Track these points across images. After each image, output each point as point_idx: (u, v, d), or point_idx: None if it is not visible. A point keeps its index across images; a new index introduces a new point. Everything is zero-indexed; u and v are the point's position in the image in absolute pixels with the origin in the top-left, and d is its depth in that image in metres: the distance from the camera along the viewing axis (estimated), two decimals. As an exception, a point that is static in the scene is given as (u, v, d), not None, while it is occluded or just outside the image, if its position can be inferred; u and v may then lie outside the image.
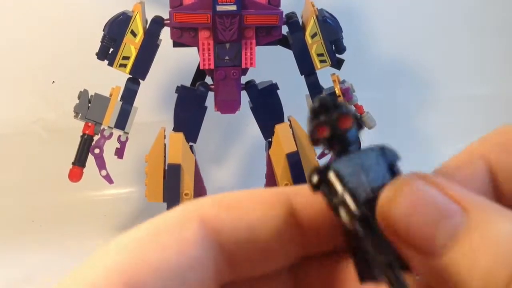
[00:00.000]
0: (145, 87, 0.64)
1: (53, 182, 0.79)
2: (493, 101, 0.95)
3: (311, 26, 0.63)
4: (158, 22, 0.62)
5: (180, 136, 0.63)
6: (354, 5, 0.86)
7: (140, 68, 0.62)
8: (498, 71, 0.98)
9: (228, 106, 0.65)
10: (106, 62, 0.62)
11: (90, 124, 0.63)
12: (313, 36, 0.63)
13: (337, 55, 0.65)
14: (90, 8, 0.78)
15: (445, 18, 0.93)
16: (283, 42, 0.64)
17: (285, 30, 0.64)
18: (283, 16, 0.61)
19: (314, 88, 0.65)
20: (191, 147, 0.66)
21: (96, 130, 0.63)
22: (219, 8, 0.58)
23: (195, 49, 0.62)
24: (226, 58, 0.61)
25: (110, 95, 0.63)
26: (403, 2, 0.90)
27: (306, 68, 0.64)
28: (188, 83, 0.66)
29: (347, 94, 0.65)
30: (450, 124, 0.92)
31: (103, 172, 0.65)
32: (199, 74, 0.67)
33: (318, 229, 0.18)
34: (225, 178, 0.87)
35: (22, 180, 0.82)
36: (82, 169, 0.64)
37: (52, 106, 0.82)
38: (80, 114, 0.62)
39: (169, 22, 0.60)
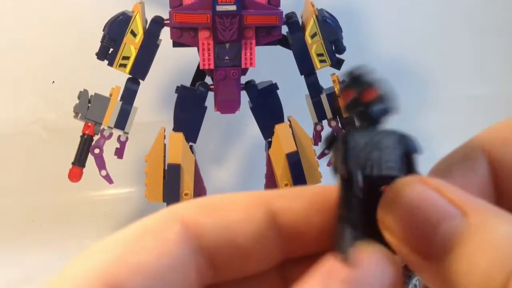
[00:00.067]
0: (145, 87, 0.64)
1: (53, 182, 0.79)
2: (493, 101, 0.95)
3: (311, 26, 0.62)
4: (158, 22, 0.62)
5: (180, 136, 0.63)
6: (354, 5, 0.86)
7: (140, 68, 0.62)
8: (498, 71, 0.98)
9: (228, 106, 0.65)
10: (106, 62, 0.62)
11: (90, 124, 0.62)
12: (313, 36, 0.63)
13: (337, 55, 0.65)
14: (90, 8, 0.78)
15: (445, 18, 0.93)
16: (283, 42, 0.64)
17: (285, 30, 0.64)
18: (283, 16, 0.61)
19: (314, 88, 0.65)
20: (191, 147, 0.66)
21: (96, 130, 0.63)
22: (219, 8, 0.58)
23: (195, 49, 0.62)
24: (226, 58, 0.61)
25: (110, 95, 0.63)
26: (403, 2, 0.90)
27: (306, 68, 0.64)
28: (188, 83, 0.66)
29: (347, 94, 0.65)
30: (450, 124, 0.92)
31: (103, 172, 0.65)
32: (199, 74, 0.67)
33: (299, 232, 0.18)
34: (225, 178, 0.87)
35: (22, 180, 0.82)
36: (82, 169, 0.64)
37: (52, 106, 0.82)
38: (80, 114, 0.62)
39: (169, 22, 0.60)
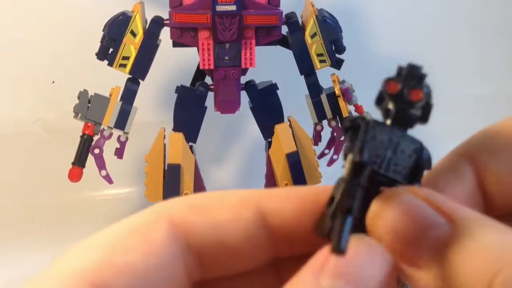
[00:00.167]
0: (145, 87, 0.64)
1: (53, 182, 0.79)
2: (493, 101, 0.95)
3: (311, 26, 0.62)
4: (157, 22, 0.62)
5: (180, 136, 0.63)
6: (354, 5, 0.86)
7: (139, 68, 0.62)
8: (498, 71, 0.97)
9: (228, 106, 0.65)
10: (106, 62, 0.62)
11: (90, 124, 0.62)
12: (312, 36, 0.63)
13: (336, 55, 0.65)
14: (90, 8, 0.78)
15: (445, 18, 0.93)
16: (283, 42, 0.64)
17: (284, 30, 0.64)
18: (283, 16, 0.61)
19: (314, 88, 0.65)
20: (191, 147, 0.66)
21: (96, 130, 0.63)
22: (219, 8, 0.58)
23: (195, 49, 0.62)
24: (226, 58, 0.61)
25: (110, 95, 0.63)
26: (403, 2, 0.90)
27: (306, 68, 0.64)
28: (188, 83, 0.66)
29: (347, 94, 0.65)
30: (450, 124, 0.92)
31: (103, 172, 0.65)
32: (199, 74, 0.67)
33: (289, 233, 0.18)
34: (225, 178, 0.87)
35: (22, 180, 0.82)
36: (82, 169, 0.64)
37: (52, 106, 0.82)
38: (80, 114, 0.62)
39: (168, 22, 0.60)
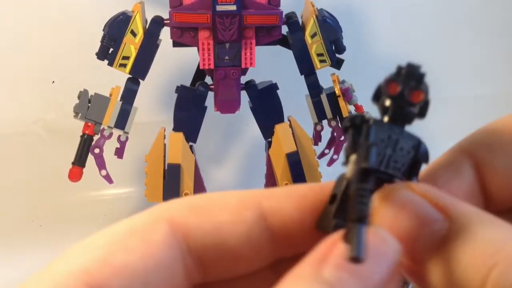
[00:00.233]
0: (145, 87, 0.64)
1: (53, 182, 0.79)
2: (493, 101, 0.95)
3: (311, 26, 0.62)
4: (158, 22, 0.62)
5: (180, 136, 0.63)
6: (354, 5, 0.86)
7: (140, 68, 0.62)
8: (498, 71, 0.97)
9: (228, 106, 0.65)
10: (106, 62, 0.62)
11: (90, 124, 0.63)
12: (312, 36, 0.63)
13: (337, 55, 0.65)
14: (90, 8, 0.78)
15: (445, 18, 0.93)
16: (283, 42, 0.64)
17: (285, 30, 0.64)
18: (283, 16, 0.61)
19: (314, 88, 0.65)
20: (191, 147, 0.66)
21: (96, 130, 0.63)
22: (219, 8, 0.58)
23: (195, 49, 0.62)
24: (226, 58, 0.61)
25: (110, 95, 0.63)
26: (403, 2, 0.90)
27: (306, 68, 0.64)
28: (188, 83, 0.66)
29: (347, 94, 0.65)
30: (450, 124, 0.92)
31: (103, 172, 0.64)
32: (199, 74, 0.67)
33: (290, 232, 0.18)
34: (225, 178, 0.87)
35: (22, 180, 0.82)
36: (82, 169, 0.64)
37: (52, 106, 0.82)
38: (80, 114, 0.62)
39: (169, 22, 0.60)
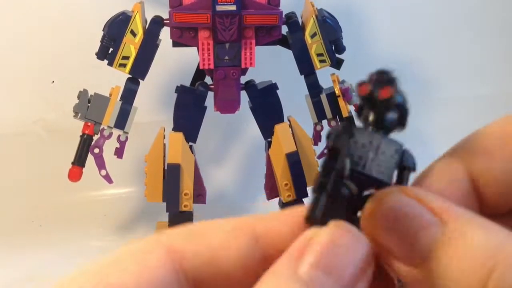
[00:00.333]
0: (144, 87, 0.64)
1: (53, 182, 0.79)
2: (493, 101, 0.95)
3: (311, 26, 0.62)
4: (157, 22, 0.62)
5: (179, 136, 0.63)
6: (354, 5, 0.86)
7: (139, 68, 0.62)
8: (498, 71, 0.97)
9: (227, 106, 0.65)
10: (106, 62, 0.62)
11: (89, 123, 0.63)
12: (312, 36, 0.63)
13: (336, 55, 0.65)
14: (90, 8, 0.78)
15: (445, 18, 0.93)
16: (283, 42, 0.64)
17: (284, 30, 0.64)
18: (283, 16, 0.61)
19: (314, 88, 0.65)
20: (191, 147, 0.66)
21: (95, 129, 0.63)
22: (219, 8, 0.58)
23: (195, 49, 0.62)
24: (226, 58, 0.61)
25: (110, 95, 0.63)
26: (403, 2, 0.90)
27: (306, 68, 0.64)
28: (187, 83, 0.66)
29: (347, 94, 0.65)
30: (450, 124, 0.92)
31: (103, 172, 0.64)
32: (199, 74, 0.67)
33: (281, 252, 0.18)
34: (225, 178, 0.87)
35: (22, 180, 0.82)
36: (81, 169, 0.64)
37: (52, 106, 0.82)
38: (79, 114, 0.62)
39: (168, 22, 0.60)
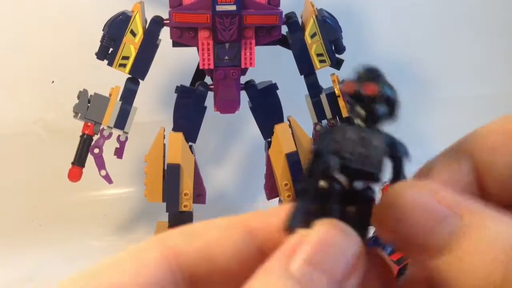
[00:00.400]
0: (144, 87, 0.64)
1: (53, 182, 0.79)
2: (493, 101, 0.95)
3: (311, 26, 0.62)
4: (157, 22, 0.62)
5: (179, 136, 0.63)
6: (354, 5, 0.86)
7: (139, 68, 0.62)
8: (498, 71, 0.97)
9: (227, 106, 0.65)
10: (106, 62, 0.62)
11: (89, 124, 0.63)
12: (312, 36, 0.63)
13: (336, 55, 0.65)
14: (90, 8, 0.78)
15: (445, 18, 0.93)
16: (283, 42, 0.64)
17: (284, 30, 0.64)
18: (283, 16, 0.61)
19: (314, 88, 0.65)
20: (191, 147, 0.66)
21: (95, 130, 0.63)
22: (219, 8, 0.58)
23: (195, 49, 0.62)
24: (226, 58, 0.61)
25: (110, 95, 0.63)
26: (403, 2, 0.90)
27: (306, 68, 0.64)
28: (187, 83, 0.66)
29: (347, 94, 0.65)
30: (450, 124, 0.92)
31: (103, 172, 0.65)
32: (199, 74, 0.67)
33: (276, 247, 0.18)
34: (225, 178, 0.87)
35: (22, 180, 0.82)
36: (81, 169, 0.64)
37: (52, 106, 0.82)
38: (79, 114, 0.62)
39: (168, 22, 0.60)
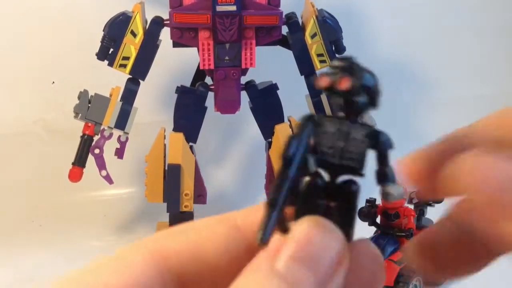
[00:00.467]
0: (145, 87, 0.64)
1: (53, 182, 0.79)
2: (493, 101, 0.95)
3: (311, 26, 0.62)
4: (158, 23, 0.62)
5: (180, 136, 0.63)
6: (354, 5, 0.86)
7: (140, 68, 0.62)
8: (498, 71, 0.98)
9: (228, 106, 0.65)
10: (106, 62, 0.62)
11: (90, 124, 0.63)
12: (313, 36, 0.63)
13: (337, 55, 0.65)
14: (90, 8, 0.78)
15: (445, 18, 0.93)
16: (283, 42, 0.64)
17: (285, 30, 0.64)
18: (283, 16, 0.61)
19: (314, 88, 0.65)
20: (191, 147, 0.66)
21: (96, 130, 0.63)
22: (219, 8, 0.58)
23: (195, 49, 0.62)
24: (226, 58, 0.61)
25: (110, 95, 0.63)
26: (403, 2, 0.90)
27: (306, 68, 0.64)
28: (188, 83, 0.66)
29: (347, 94, 0.65)
30: (450, 124, 0.92)
31: (103, 172, 0.65)
32: (199, 74, 0.67)
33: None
34: (225, 178, 0.87)
35: (22, 180, 0.82)
36: (82, 169, 0.64)
37: (52, 106, 0.82)
38: (80, 114, 0.62)
39: (169, 22, 0.60)
